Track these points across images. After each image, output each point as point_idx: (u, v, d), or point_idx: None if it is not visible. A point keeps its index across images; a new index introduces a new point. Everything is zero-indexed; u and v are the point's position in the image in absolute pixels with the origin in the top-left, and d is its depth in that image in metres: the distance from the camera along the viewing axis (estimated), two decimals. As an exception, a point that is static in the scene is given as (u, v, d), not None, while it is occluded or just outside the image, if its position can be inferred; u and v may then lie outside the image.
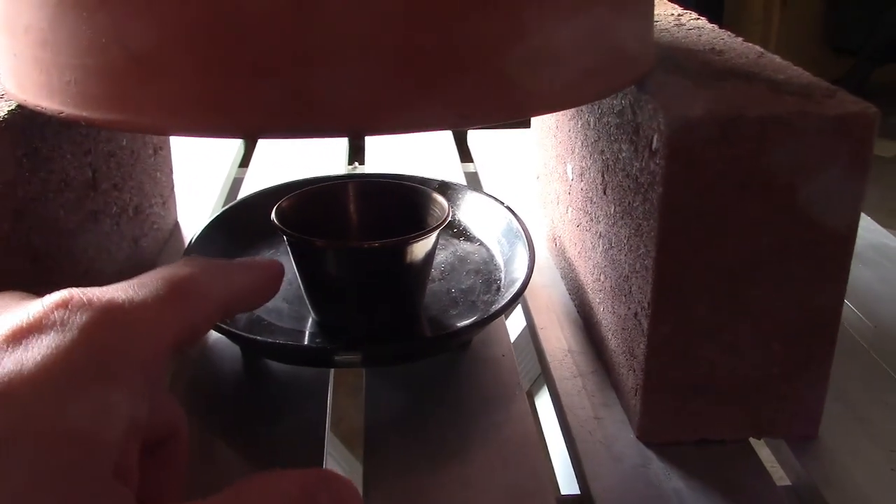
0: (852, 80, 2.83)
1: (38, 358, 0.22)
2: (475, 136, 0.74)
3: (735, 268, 0.34)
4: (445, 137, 0.74)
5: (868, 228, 0.58)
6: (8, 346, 0.22)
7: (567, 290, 0.50)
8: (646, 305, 0.35)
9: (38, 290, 0.36)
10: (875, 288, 0.51)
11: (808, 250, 0.34)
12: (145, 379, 0.24)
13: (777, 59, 0.40)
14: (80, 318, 0.23)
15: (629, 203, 0.37)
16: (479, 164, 0.70)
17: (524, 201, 0.59)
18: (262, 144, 0.72)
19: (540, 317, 0.47)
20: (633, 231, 0.37)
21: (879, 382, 0.42)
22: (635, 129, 0.36)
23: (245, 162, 0.71)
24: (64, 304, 0.23)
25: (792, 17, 2.99)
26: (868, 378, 0.43)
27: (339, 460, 0.79)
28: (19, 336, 0.22)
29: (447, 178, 0.53)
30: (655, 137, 0.34)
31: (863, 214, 0.59)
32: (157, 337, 0.25)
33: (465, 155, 0.73)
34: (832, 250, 0.34)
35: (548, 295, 0.49)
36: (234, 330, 0.39)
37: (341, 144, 0.73)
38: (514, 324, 0.64)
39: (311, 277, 0.41)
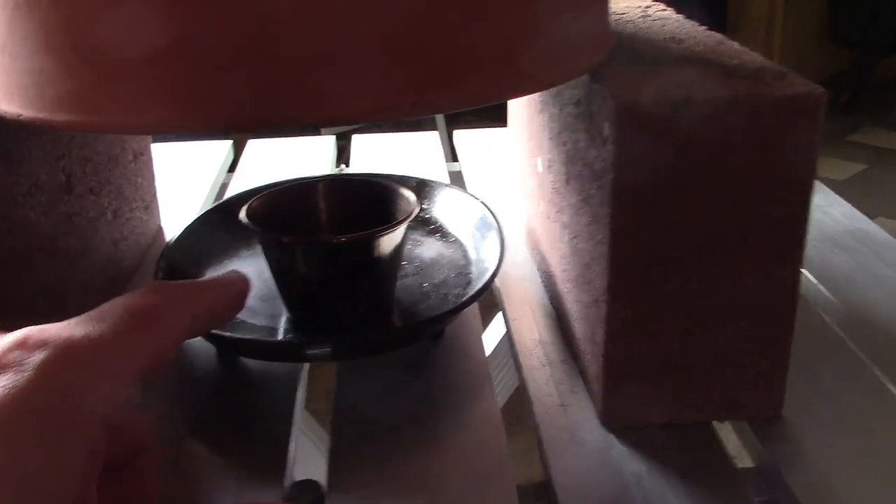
0: (856, 73, 2.82)
1: None
2: (460, 136, 0.75)
3: (689, 252, 0.35)
4: (431, 137, 0.75)
5: (847, 215, 0.58)
6: None
7: (542, 282, 0.50)
8: (604, 292, 0.36)
9: (10, 294, 0.37)
10: (851, 274, 0.51)
11: (760, 232, 0.34)
12: (103, 414, 0.24)
13: (735, 45, 0.41)
14: (37, 359, 0.23)
15: (588, 192, 0.37)
16: (464, 163, 0.70)
17: (507, 197, 0.59)
18: (250, 149, 0.73)
19: (514, 309, 0.48)
20: (591, 219, 0.37)
21: (849, 366, 0.43)
22: (590, 117, 0.36)
23: (234, 167, 0.72)
24: (21, 345, 0.24)
25: (795, 13, 2.98)
26: (838, 362, 0.43)
27: (309, 441, 0.79)
28: None
29: (427, 177, 0.53)
30: (606, 124, 0.34)
31: (842, 201, 0.59)
32: (117, 370, 0.25)
33: (451, 154, 0.74)
34: (785, 232, 0.35)
35: (523, 288, 0.50)
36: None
37: (328, 146, 0.74)
38: (499, 324, 0.65)
39: (283, 274, 0.42)
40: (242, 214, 0.41)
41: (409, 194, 0.43)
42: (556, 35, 0.34)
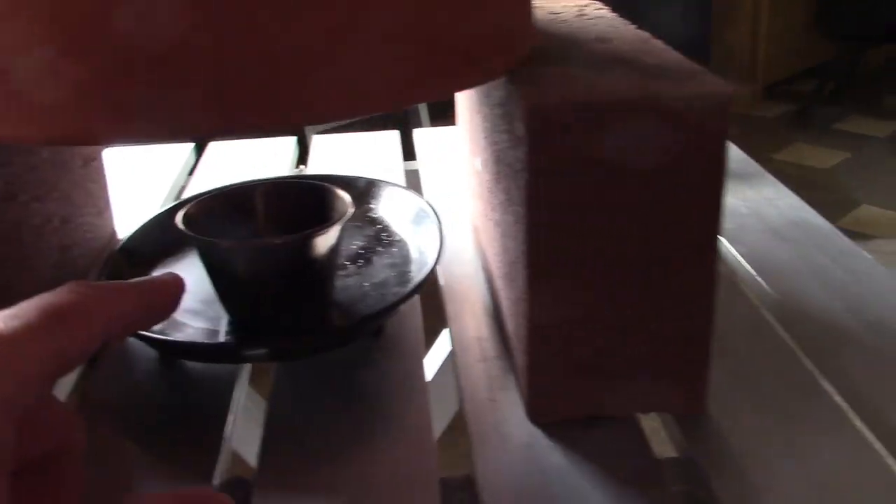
0: (843, 63, 2.83)
1: None
2: (420, 134, 0.76)
3: (604, 249, 0.35)
4: (391, 137, 0.76)
5: (792, 206, 0.59)
6: None
7: (484, 279, 0.51)
8: (525, 289, 0.36)
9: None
10: (791, 264, 0.51)
11: (674, 229, 0.35)
12: (9, 412, 0.24)
13: (660, 44, 0.41)
14: None
15: (511, 191, 0.38)
16: (421, 162, 0.71)
17: (461, 196, 0.60)
18: (210, 152, 0.74)
19: (455, 306, 0.48)
20: (514, 218, 0.38)
21: (781, 357, 0.43)
22: (510, 118, 0.37)
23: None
24: None
25: (782, 3, 2.98)
26: (771, 353, 0.44)
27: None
28: None
29: (383, 177, 0.54)
30: (520, 125, 0.35)
31: (790, 193, 0.60)
32: (24, 368, 0.25)
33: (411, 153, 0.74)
34: (699, 227, 0.35)
35: (466, 285, 0.51)
36: (141, 331, 0.41)
37: (289, 147, 0.75)
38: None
39: (220, 277, 0.43)
40: (178, 219, 0.42)
41: (345, 195, 0.44)
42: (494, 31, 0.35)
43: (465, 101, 0.53)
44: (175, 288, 0.33)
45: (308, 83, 0.30)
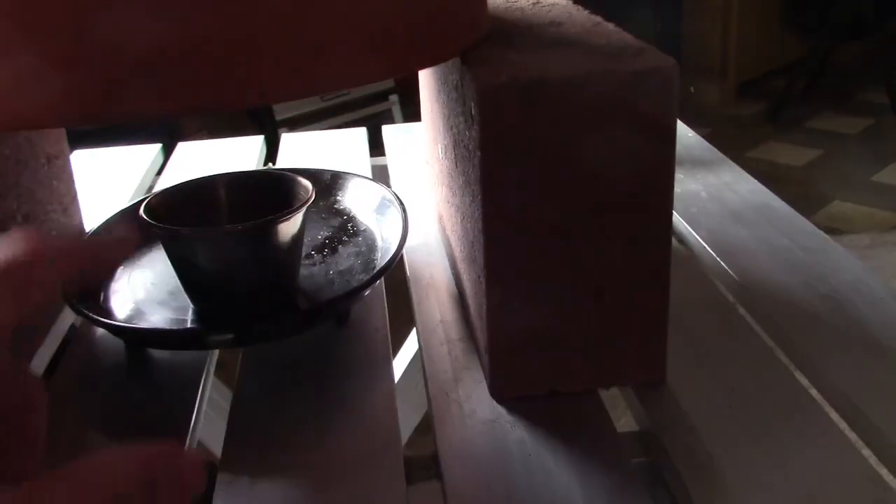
0: (813, 61, 2.86)
1: None
2: (388, 130, 0.76)
3: (559, 226, 0.36)
4: (357, 133, 0.76)
5: (753, 191, 0.60)
6: None
7: (449, 265, 0.51)
8: (483, 268, 0.37)
9: None
10: (749, 246, 0.52)
11: (628, 204, 0.36)
12: None
13: (610, 26, 0.42)
14: None
15: (468, 173, 0.39)
16: (390, 156, 0.71)
17: (428, 187, 0.61)
18: (178, 152, 0.74)
19: (420, 292, 0.49)
20: (471, 199, 0.38)
21: (739, 333, 0.44)
22: (463, 100, 0.38)
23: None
24: None
25: (752, 1, 3.01)
26: (729, 329, 0.44)
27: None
28: None
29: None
30: (472, 105, 0.35)
31: (749, 177, 0.61)
32: None
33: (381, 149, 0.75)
34: (652, 202, 0.36)
35: (430, 272, 0.51)
36: (108, 321, 0.41)
37: (256, 146, 0.75)
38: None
39: (184, 267, 0.43)
40: (141, 210, 0.42)
41: (305, 182, 0.44)
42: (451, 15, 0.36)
43: (427, 91, 0.54)
44: (123, 242, 0.33)
45: (263, 64, 0.31)
